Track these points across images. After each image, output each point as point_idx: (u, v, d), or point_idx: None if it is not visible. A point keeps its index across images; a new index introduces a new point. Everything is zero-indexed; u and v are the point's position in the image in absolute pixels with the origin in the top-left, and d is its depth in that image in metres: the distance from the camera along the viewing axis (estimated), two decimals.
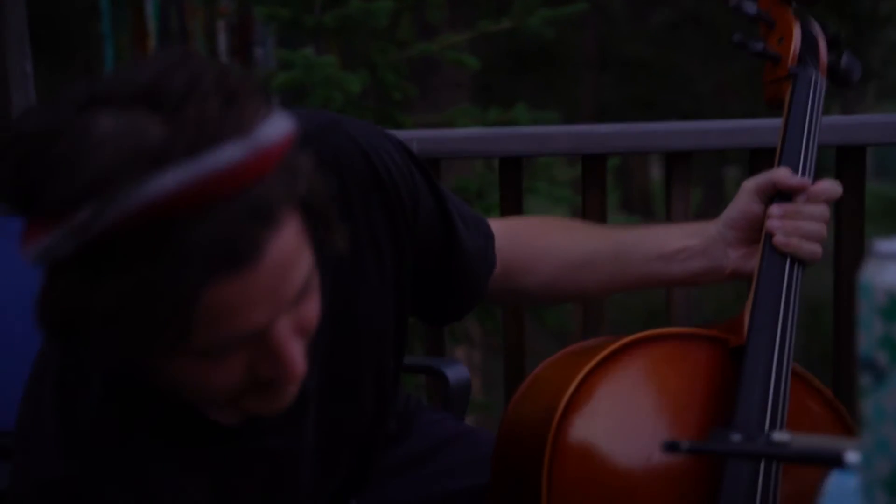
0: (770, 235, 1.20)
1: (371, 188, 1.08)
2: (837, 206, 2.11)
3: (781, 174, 1.22)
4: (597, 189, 2.10)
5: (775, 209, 1.21)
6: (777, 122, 2.00)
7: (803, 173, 1.23)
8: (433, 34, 6.69)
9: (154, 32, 5.72)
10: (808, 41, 1.30)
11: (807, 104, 1.27)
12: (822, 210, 1.22)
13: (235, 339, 0.84)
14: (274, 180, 0.81)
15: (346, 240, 0.93)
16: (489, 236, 1.28)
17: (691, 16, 11.72)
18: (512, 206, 2.10)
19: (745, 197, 1.24)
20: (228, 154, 0.76)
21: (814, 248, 1.21)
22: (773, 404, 1.14)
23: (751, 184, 1.24)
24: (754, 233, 1.24)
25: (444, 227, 1.19)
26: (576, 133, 2.09)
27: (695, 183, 2.60)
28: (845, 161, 2.08)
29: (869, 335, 0.65)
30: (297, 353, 0.88)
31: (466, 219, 1.25)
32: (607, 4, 9.72)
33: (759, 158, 2.04)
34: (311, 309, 0.90)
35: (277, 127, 0.81)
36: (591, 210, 2.10)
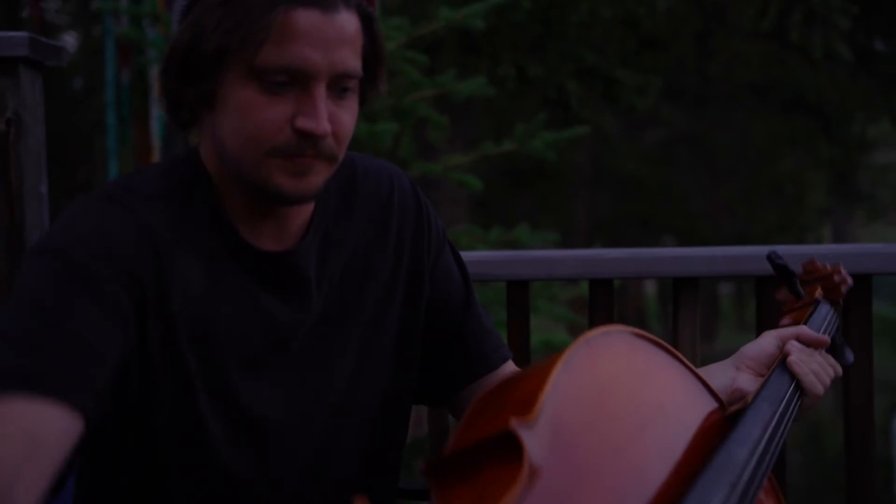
0: (786, 356, 1.32)
1: (411, 215, 1.36)
2: (845, 333, 2.11)
3: (806, 329, 1.39)
4: (603, 312, 2.11)
5: (797, 343, 1.35)
6: (786, 248, 2.03)
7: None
8: (432, 152, 6.82)
9: (158, 148, 5.81)
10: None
11: (829, 310, 1.48)
12: (832, 366, 1.36)
13: (289, 68, 1.12)
14: None
15: (383, 91, 1.23)
16: (506, 345, 1.45)
17: (684, 135, 11.98)
18: (519, 327, 2.09)
19: (767, 339, 1.39)
20: None
21: (815, 382, 1.32)
22: (750, 474, 1.10)
23: (775, 332, 1.40)
24: (763, 367, 1.37)
25: (465, 295, 1.41)
26: (584, 258, 2.11)
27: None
28: (852, 289, 2.09)
29: None
30: (326, 117, 1.13)
31: (488, 318, 1.44)
32: (602, 123, 9.93)
33: (765, 286, 2.05)
34: (345, 119, 1.17)
35: None
36: None
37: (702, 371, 1.36)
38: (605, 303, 2.11)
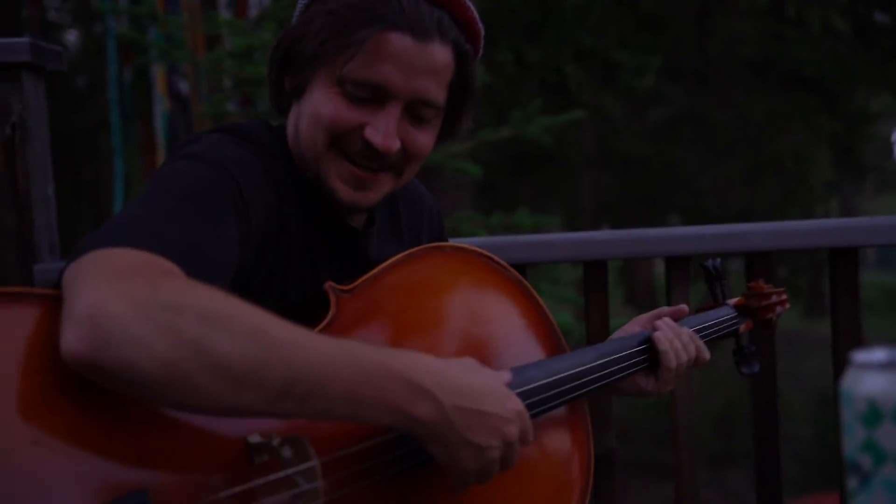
0: (654, 329, 1.52)
1: (436, 222, 1.59)
2: (833, 303, 2.16)
3: (665, 310, 1.60)
4: (599, 293, 2.16)
5: (669, 320, 1.55)
6: (772, 225, 2.08)
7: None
8: None
9: (163, 145, 5.87)
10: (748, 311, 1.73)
11: (730, 314, 1.68)
12: (699, 349, 1.54)
13: (371, 83, 1.21)
14: (455, 24, 1.23)
15: (467, 127, 1.32)
16: None
17: (688, 113, 11.96)
18: None
19: (632, 325, 1.59)
20: None
21: (670, 355, 1.49)
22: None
23: (642, 318, 1.60)
24: None
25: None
26: (576, 240, 2.16)
27: (696, 277, 2.69)
28: (838, 262, 2.15)
29: (852, 440, 0.71)
30: (394, 136, 1.22)
31: None
32: (604, 104, 9.94)
33: (754, 262, 2.10)
34: (419, 141, 1.26)
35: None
36: (595, 313, 2.15)
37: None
38: (599, 284, 2.16)
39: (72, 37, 13.75)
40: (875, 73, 7.98)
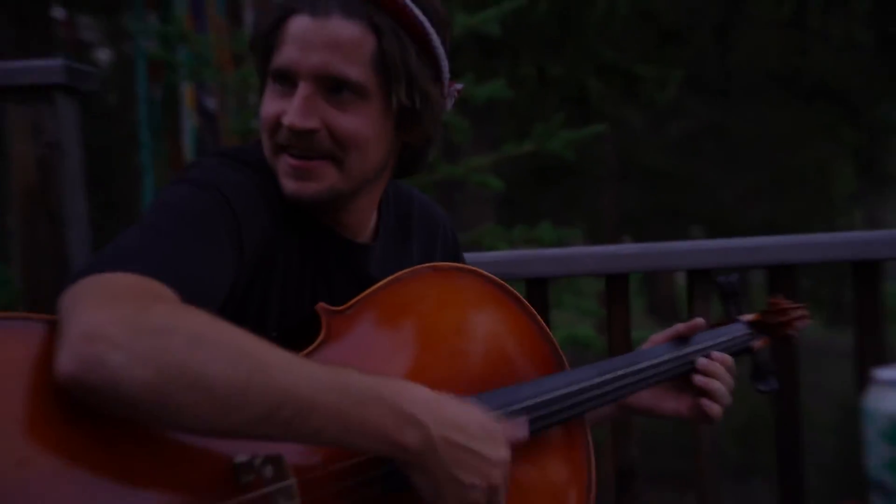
0: (694, 365, 1.53)
1: (448, 230, 1.57)
2: (856, 317, 2.15)
3: (681, 326, 1.56)
4: (621, 305, 2.16)
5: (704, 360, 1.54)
6: (795, 238, 2.07)
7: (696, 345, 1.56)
8: (456, 154, 6.90)
9: (191, 160, 5.90)
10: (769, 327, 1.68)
11: (742, 331, 1.64)
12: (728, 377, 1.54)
13: (279, 69, 1.25)
14: (367, 1, 1.24)
15: (407, 99, 1.27)
16: None
17: (710, 126, 11.91)
18: None
19: (649, 344, 1.57)
20: None
21: (714, 407, 1.52)
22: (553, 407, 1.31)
23: (658, 336, 1.58)
24: None
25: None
26: (599, 254, 2.16)
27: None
28: (861, 275, 2.13)
29: (876, 458, 0.70)
30: (302, 113, 1.23)
31: None
32: (626, 117, 9.92)
33: (778, 276, 2.09)
34: (343, 122, 1.25)
35: None
36: (616, 325, 2.15)
37: None
38: (621, 297, 2.16)
39: (102, 55, 13.90)
40: None
